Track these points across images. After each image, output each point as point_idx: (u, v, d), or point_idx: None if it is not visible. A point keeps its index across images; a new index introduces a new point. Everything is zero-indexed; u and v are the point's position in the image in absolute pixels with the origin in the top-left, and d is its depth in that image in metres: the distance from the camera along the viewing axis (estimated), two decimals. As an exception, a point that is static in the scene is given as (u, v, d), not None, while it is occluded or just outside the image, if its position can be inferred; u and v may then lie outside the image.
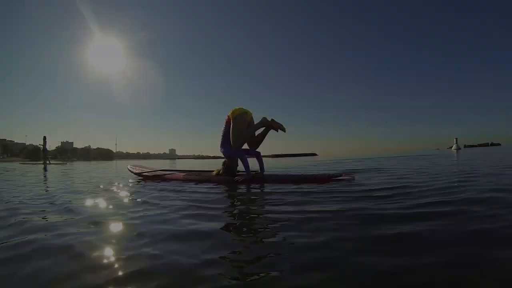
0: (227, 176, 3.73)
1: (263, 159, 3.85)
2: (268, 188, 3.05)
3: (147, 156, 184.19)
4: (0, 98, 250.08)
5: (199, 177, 3.89)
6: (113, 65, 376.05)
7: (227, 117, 3.70)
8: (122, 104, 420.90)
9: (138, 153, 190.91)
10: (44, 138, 14.37)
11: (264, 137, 3.78)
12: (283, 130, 3.62)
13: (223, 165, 3.83)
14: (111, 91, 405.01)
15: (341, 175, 3.34)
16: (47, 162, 14.72)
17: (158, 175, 4.34)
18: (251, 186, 3.24)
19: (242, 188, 3.13)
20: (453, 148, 27.78)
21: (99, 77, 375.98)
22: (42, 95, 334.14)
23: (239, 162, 3.73)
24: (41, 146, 14.78)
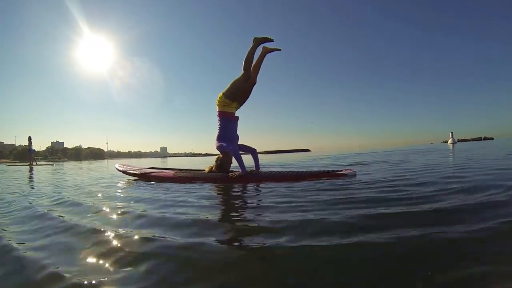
0: (221, 173, 3.53)
1: (263, 155, 3.66)
2: (264, 185, 2.87)
3: (138, 155, 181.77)
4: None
5: (191, 174, 3.68)
6: (102, 63, 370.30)
7: (218, 113, 3.50)
8: (113, 103, 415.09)
9: (129, 151, 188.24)
10: (29, 138, 13.81)
11: (261, 62, 3.59)
12: (278, 49, 3.58)
13: (216, 161, 3.62)
14: (101, 90, 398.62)
15: (341, 171, 3.17)
16: (34, 163, 14.24)
17: (147, 174, 4.10)
18: (246, 184, 3.05)
19: (237, 186, 2.94)
20: (449, 142, 28.12)
21: (89, 75, 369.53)
22: (31, 95, 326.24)
23: (233, 159, 3.53)
24: (27, 147, 14.29)
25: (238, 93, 3.50)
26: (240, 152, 3.50)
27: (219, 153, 3.62)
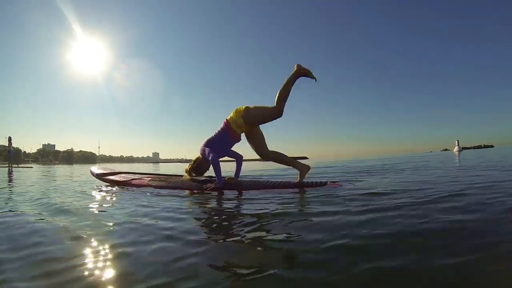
0: (196, 175, 3.27)
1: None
2: (241, 195, 2.57)
3: (130, 160, 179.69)
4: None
5: (163, 183, 3.34)
6: (95, 66, 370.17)
7: (225, 122, 2.98)
8: (106, 106, 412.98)
9: (121, 156, 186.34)
10: (9, 138, 12.83)
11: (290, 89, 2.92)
12: (314, 78, 2.88)
13: (193, 162, 3.27)
14: (94, 93, 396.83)
15: (326, 183, 2.86)
16: (14, 165, 13.56)
17: (118, 181, 3.74)
18: (222, 194, 2.73)
19: (212, 196, 2.61)
20: (454, 150, 28.16)
21: (82, 78, 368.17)
22: (23, 97, 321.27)
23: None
24: (7, 148, 13.59)
25: (259, 122, 3.01)
26: (226, 157, 3.16)
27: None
